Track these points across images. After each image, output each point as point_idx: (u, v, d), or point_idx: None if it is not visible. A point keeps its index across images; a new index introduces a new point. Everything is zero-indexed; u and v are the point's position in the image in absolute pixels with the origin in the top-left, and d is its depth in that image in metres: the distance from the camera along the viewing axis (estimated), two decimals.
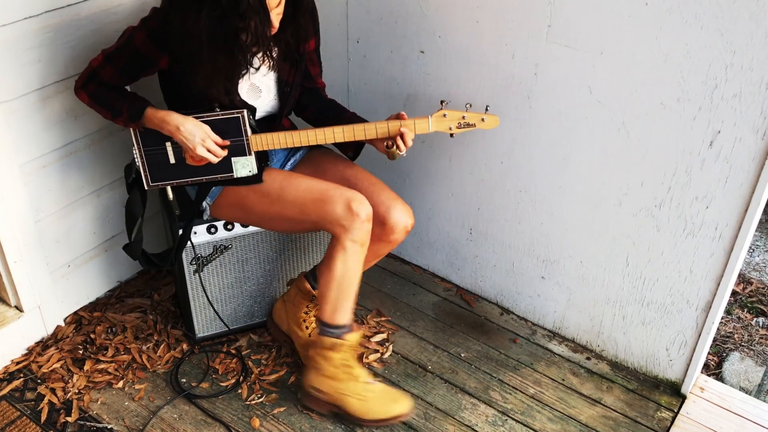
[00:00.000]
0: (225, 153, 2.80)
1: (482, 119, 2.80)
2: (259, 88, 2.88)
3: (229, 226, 3.15)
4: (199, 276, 3.22)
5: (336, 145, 3.05)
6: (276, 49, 2.77)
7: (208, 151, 2.76)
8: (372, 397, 3.03)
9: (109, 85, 2.78)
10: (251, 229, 3.19)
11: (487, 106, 2.82)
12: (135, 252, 3.07)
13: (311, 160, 3.16)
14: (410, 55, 3.30)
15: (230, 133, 2.79)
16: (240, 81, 2.79)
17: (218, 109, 2.75)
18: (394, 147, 2.82)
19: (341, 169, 3.06)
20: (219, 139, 2.77)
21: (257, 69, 2.80)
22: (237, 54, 2.60)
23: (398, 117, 2.84)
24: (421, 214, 3.71)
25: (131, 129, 2.81)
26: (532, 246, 3.39)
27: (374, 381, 3.09)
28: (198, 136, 2.72)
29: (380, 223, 2.94)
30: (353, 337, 2.98)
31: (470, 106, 2.81)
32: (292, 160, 3.19)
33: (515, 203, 3.33)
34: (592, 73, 2.83)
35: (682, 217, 2.88)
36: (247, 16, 2.46)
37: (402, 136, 2.81)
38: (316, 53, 3.05)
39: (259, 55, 2.75)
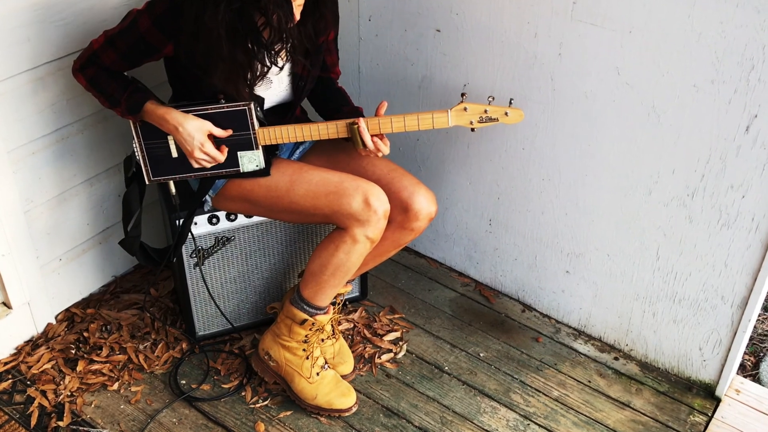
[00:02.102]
0: (224, 158, 2.83)
1: (505, 113, 2.80)
2: (270, 79, 2.89)
3: (232, 216, 3.17)
4: (200, 270, 3.24)
5: None
6: (295, 42, 2.78)
7: (206, 154, 2.79)
8: (322, 383, 3.13)
9: (110, 71, 2.80)
10: (256, 219, 3.22)
11: (510, 99, 2.81)
12: (132, 247, 3.11)
13: (323, 148, 3.18)
14: (425, 33, 3.32)
15: (236, 126, 2.81)
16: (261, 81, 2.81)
17: (223, 101, 2.77)
18: (356, 129, 2.81)
19: (356, 158, 3.07)
20: (222, 132, 2.80)
21: (281, 69, 2.82)
22: (258, 52, 2.62)
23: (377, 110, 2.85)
24: (438, 205, 3.68)
25: (130, 121, 2.84)
26: (556, 238, 3.42)
27: (328, 368, 3.18)
28: (197, 140, 2.75)
29: (402, 210, 2.96)
30: (324, 319, 3.07)
31: (492, 99, 2.81)
32: (300, 149, 3.21)
33: (538, 192, 3.36)
34: (620, 53, 2.85)
35: (716, 207, 2.90)
36: (268, 9, 2.46)
37: (360, 133, 2.82)
38: (334, 43, 3.07)
39: (282, 53, 2.77)
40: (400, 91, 3.52)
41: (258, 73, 2.70)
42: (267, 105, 2.95)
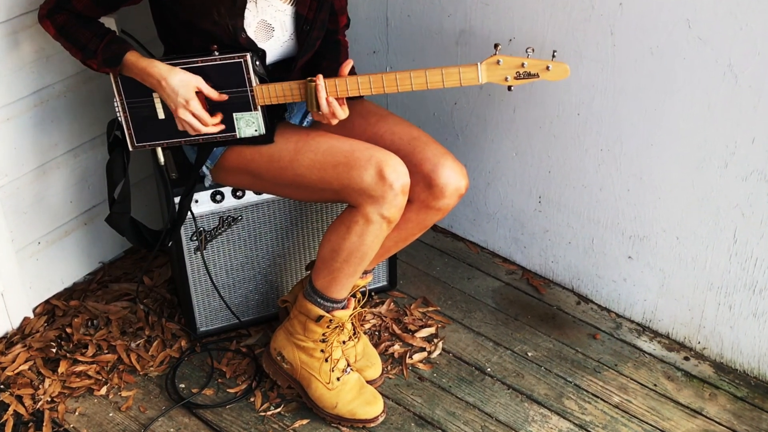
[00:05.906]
0: (216, 121, 2.86)
1: (547, 67, 2.73)
2: (271, 25, 2.91)
3: (239, 193, 3.22)
4: (202, 255, 3.29)
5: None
6: None
7: (193, 116, 2.81)
8: (343, 389, 3.15)
9: (83, 17, 2.83)
10: (266, 195, 3.26)
11: (554, 52, 2.75)
12: (120, 224, 3.12)
13: None
14: None
15: (231, 82, 2.83)
16: (246, 12, 2.83)
17: (217, 53, 2.80)
18: (314, 87, 2.81)
19: (373, 123, 3.09)
20: (214, 93, 2.83)
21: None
22: None
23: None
24: (479, 179, 3.78)
25: (111, 76, 2.88)
26: (617, 218, 3.45)
27: (351, 371, 3.20)
28: (181, 96, 2.77)
29: (426, 186, 2.97)
30: (344, 315, 3.09)
31: (532, 50, 2.73)
32: None
33: (595, 165, 3.39)
34: (691, 3, 2.87)
35: None
36: None
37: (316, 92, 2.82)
38: None
39: None
40: (434, 47, 3.55)
41: None
42: (270, 59, 2.96)
